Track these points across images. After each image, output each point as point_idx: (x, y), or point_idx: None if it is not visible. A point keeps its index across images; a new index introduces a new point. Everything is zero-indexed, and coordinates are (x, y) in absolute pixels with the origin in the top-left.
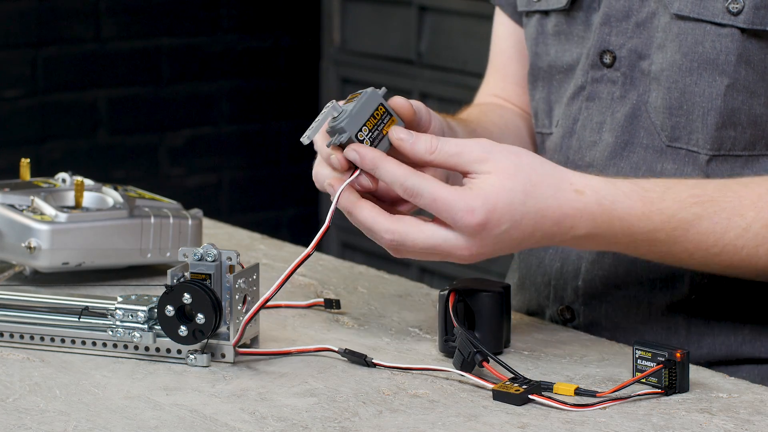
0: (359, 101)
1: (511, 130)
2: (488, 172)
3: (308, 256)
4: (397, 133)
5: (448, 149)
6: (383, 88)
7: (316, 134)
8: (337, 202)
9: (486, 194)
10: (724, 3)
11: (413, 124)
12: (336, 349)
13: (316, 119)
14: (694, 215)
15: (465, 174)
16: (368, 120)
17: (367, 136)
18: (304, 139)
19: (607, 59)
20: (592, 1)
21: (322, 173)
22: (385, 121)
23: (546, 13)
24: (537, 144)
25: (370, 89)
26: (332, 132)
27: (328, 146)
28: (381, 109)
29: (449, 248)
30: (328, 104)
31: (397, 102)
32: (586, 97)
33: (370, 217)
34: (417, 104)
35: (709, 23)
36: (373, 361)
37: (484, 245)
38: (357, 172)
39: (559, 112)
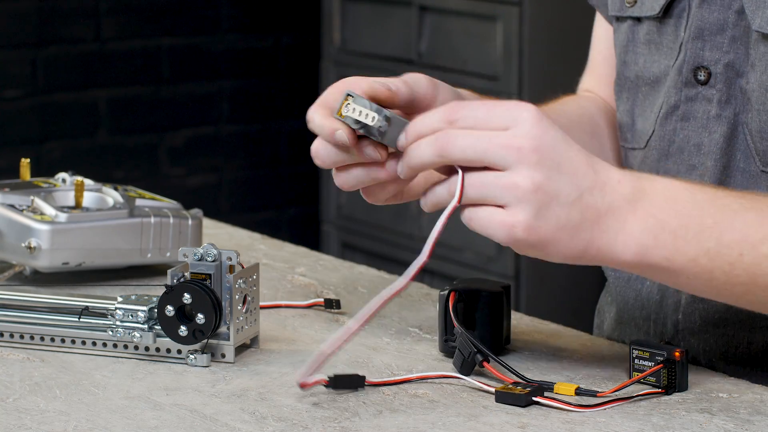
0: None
1: (585, 122)
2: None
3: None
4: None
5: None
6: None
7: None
8: (440, 230)
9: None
10: None
11: (411, 105)
12: (326, 380)
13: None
14: (740, 206)
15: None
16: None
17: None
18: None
19: (702, 76)
20: (682, 11)
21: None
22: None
23: (638, 19)
24: (621, 156)
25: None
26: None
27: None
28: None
29: (510, 136)
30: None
31: (375, 89)
32: (681, 116)
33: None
34: (413, 78)
35: None
36: (365, 381)
37: (544, 145)
38: (454, 205)
39: (644, 128)
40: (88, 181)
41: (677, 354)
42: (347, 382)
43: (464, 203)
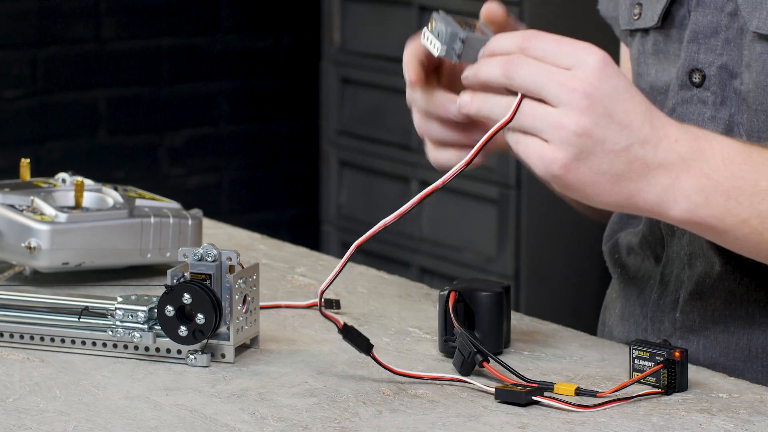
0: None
1: None
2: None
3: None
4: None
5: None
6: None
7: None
8: (487, 138)
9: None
10: None
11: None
12: (341, 324)
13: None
14: None
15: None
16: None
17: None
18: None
19: (696, 78)
20: (683, 18)
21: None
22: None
23: (646, 31)
24: None
25: (434, 14)
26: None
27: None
28: (457, 18)
29: (569, 76)
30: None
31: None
32: (677, 119)
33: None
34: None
35: None
36: (372, 350)
37: (598, 92)
38: (504, 121)
39: None
40: (88, 181)
41: (677, 354)
42: (357, 340)
43: (514, 128)
